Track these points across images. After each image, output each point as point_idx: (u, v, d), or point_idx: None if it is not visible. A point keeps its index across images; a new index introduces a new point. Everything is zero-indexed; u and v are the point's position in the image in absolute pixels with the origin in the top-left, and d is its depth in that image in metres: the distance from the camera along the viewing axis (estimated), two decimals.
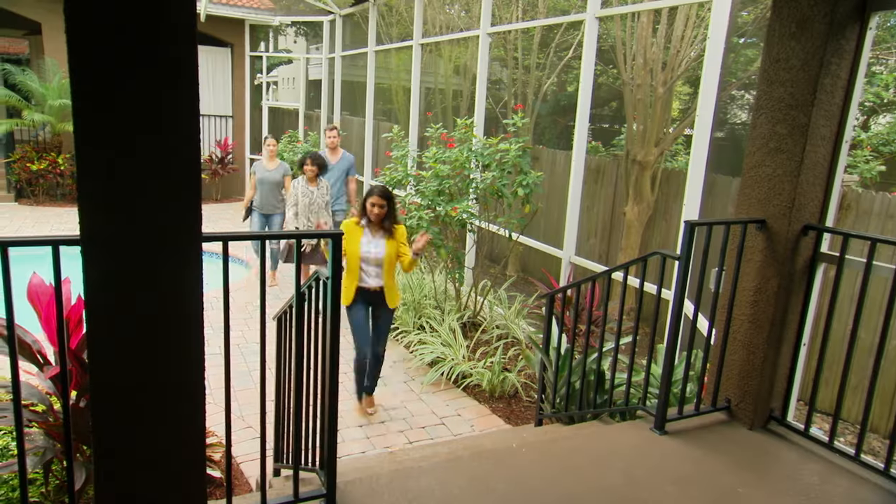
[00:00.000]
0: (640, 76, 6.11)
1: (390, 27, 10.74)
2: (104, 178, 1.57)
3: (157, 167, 1.61)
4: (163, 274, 1.69)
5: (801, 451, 3.09)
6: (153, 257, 1.66)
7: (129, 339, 1.68)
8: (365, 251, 4.39)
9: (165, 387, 1.76)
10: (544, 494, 2.69)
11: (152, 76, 1.55)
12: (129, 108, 1.54)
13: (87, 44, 1.48)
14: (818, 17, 2.90)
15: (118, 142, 1.55)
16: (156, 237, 1.66)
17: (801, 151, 2.97)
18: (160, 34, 1.54)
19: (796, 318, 3.18)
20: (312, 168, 6.39)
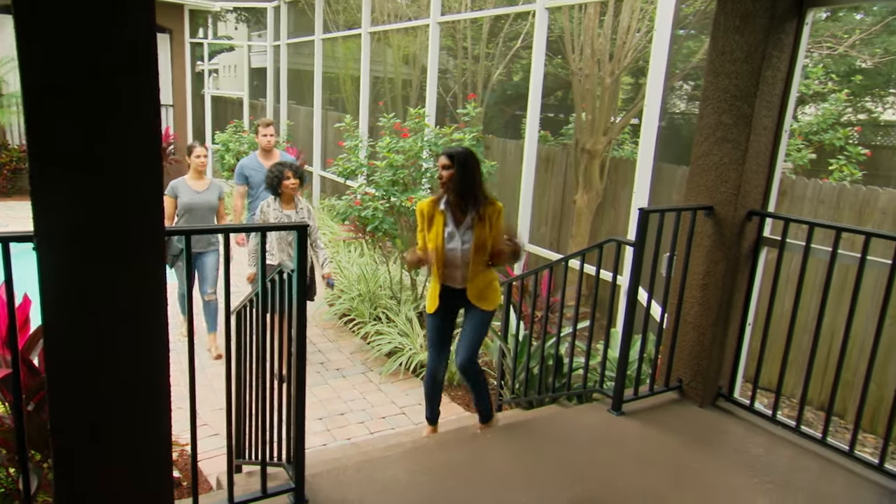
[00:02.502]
0: (587, 66, 6.24)
1: (337, 15, 10.57)
2: (60, 170, 1.50)
3: (116, 157, 1.55)
4: (126, 268, 1.64)
5: (748, 425, 3.25)
6: (117, 251, 1.61)
7: (90, 337, 1.63)
8: (450, 246, 3.21)
9: (129, 385, 1.72)
10: (509, 476, 2.75)
11: (109, 61, 1.49)
12: (85, 94, 1.48)
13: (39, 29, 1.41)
14: (760, 12, 3.03)
15: (76, 131, 1.49)
16: (118, 230, 1.60)
17: (745, 140, 3.10)
18: (116, 17, 1.48)
19: (742, 299, 3.34)
20: (293, 183, 4.55)
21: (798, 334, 3.27)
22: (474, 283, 3.27)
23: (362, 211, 5.26)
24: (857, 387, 4.39)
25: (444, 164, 3.17)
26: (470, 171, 3.14)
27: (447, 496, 2.60)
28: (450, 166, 3.14)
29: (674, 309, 3.44)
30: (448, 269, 3.26)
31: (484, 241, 3.20)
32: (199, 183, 5.02)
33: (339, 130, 6.67)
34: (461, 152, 3.17)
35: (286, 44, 10.95)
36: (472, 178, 3.16)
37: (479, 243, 3.19)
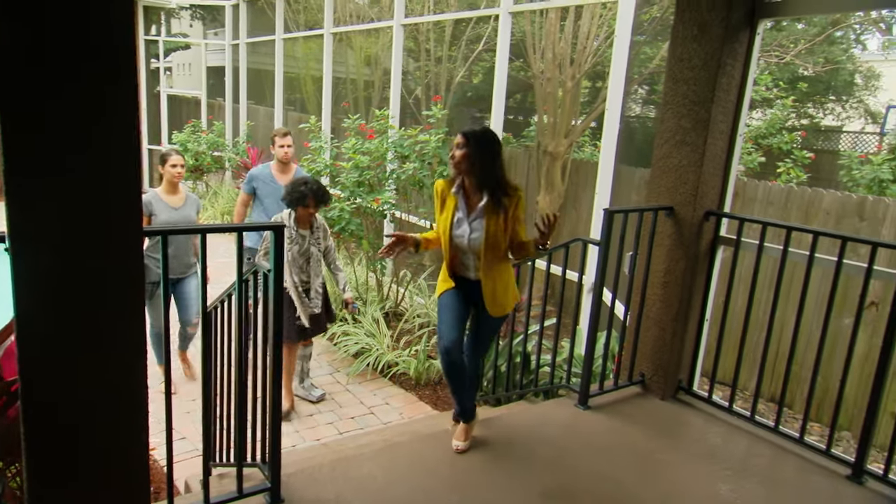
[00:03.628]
0: (549, 70, 6.36)
1: (297, 14, 10.48)
2: (38, 169, 1.48)
3: (97, 157, 1.54)
4: (104, 269, 1.62)
5: (706, 416, 3.40)
6: (95, 252, 1.60)
7: (66, 339, 1.60)
8: (457, 233, 2.87)
9: (107, 391, 1.70)
10: (482, 471, 2.81)
11: (88, 64, 1.48)
12: (63, 97, 1.46)
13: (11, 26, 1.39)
14: (716, 22, 3.17)
15: (55, 131, 1.48)
16: (97, 231, 1.59)
17: (703, 144, 3.24)
18: (93, 22, 1.47)
19: (700, 296, 3.48)
20: (313, 210, 4.10)
21: (751, 329, 3.42)
22: (489, 279, 2.88)
23: (328, 212, 5.25)
24: (804, 379, 4.61)
25: (458, 143, 2.81)
26: (487, 152, 2.78)
27: (422, 492, 2.64)
28: (464, 145, 2.77)
29: (636, 306, 3.56)
30: (457, 259, 2.95)
31: (496, 235, 2.81)
32: (174, 198, 4.34)
33: (302, 131, 6.63)
34: (478, 130, 2.83)
35: (245, 43, 10.79)
36: (490, 160, 2.77)
37: (491, 236, 2.80)
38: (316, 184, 4.08)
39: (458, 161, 2.79)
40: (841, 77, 11.82)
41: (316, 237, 4.19)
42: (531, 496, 2.63)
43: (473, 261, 2.90)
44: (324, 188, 4.13)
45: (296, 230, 4.10)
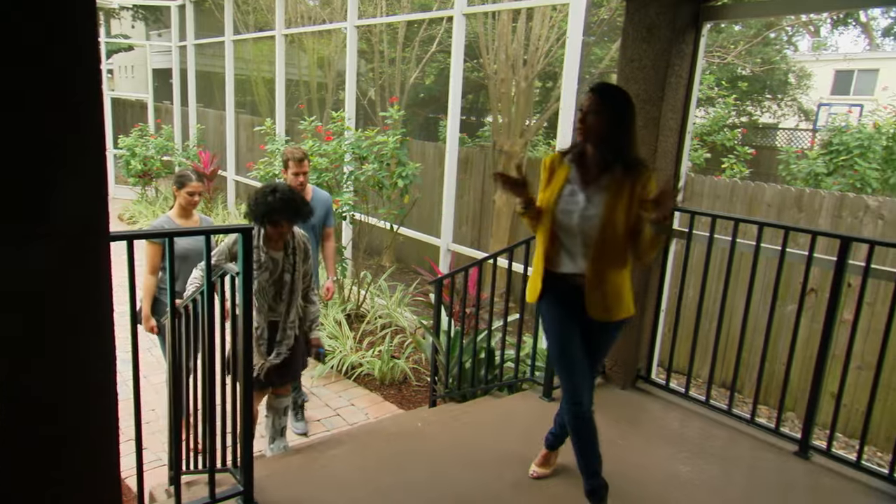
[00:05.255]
0: (503, 71, 6.47)
1: (247, 16, 10.32)
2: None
3: (65, 158, 1.51)
4: (70, 276, 1.59)
5: (664, 402, 3.53)
6: (62, 258, 1.57)
7: (31, 351, 1.57)
8: (565, 208, 2.33)
9: (79, 404, 1.66)
10: (451, 465, 2.86)
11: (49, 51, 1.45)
12: None
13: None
14: (664, 24, 3.30)
15: None
16: (65, 235, 1.56)
17: (654, 141, 3.37)
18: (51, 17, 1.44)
19: (655, 288, 3.61)
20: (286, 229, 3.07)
21: (704, 318, 3.58)
22: (596, 274, 2.31)
23: None
24: (753, 364, 4.84)
25: (590, 106, 2.24)
26: (625, 115, 2.28)
27: (393, 487, 2.67)
28: (599, 108, 2.22)
29: None
30: (556, 246, 2.34)
31: (616, 216, 2.25)
32: (189, 223, 3.75)
33: (256, 134, 6.55)
34: (613, 89, 2.34)
35: (193, 44, 10.56)
36: (627, 125, 2.28)
37: (610, 216, 2.25)
38: (289, 192, 3.04)
39: (591, 128, 2.24)
40: (776, 77, 12.39)
41: (292, 261, 3.15)
42: (503, 487, 2.69)
43: (580, 247, 2.31)
44: (300, 199, 3.11)
45: (265, 252, 3.07)
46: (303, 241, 3.25)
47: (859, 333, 3.19)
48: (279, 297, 3.15)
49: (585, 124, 2.26)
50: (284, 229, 3.05)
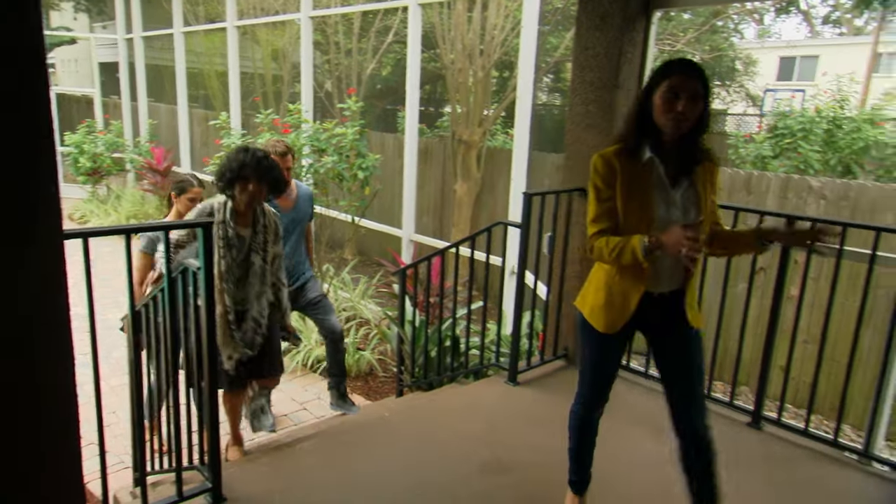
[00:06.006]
0: (459, 61, 6.47)
1: (196, 6, 10.04)
2: None
3: (8, 153, 1.46)
4: (23, 275, 1.55)
5: (627, 382, 3.62)
6: (12, 257, 1.52)
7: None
8: (666, 216, 1.92)
9: (34, 408, 1.62)
10: (420, 452, 2.88)
11: None
12: None
13: None
14: (616, 13, 3.36)
15: None
16: (13, 234, 1.51)
17: (610, 127, 3.43)
18: None
19: None
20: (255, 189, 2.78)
21: None
22: (692, 284, 2.03)
23: None
24: (707, 342, 5.00)
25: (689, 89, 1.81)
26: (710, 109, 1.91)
27: (362, 477, 2.68)
28: (698, 93, 1.82)
29: (556, 285, 3.74)
30: (659, 262, 1.95)
31: (711, 210, 1.99)
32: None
33: (211, 128, 6.41)
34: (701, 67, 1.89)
35: (141, 37, 10.23)
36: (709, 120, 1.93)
37: (709, 215, 1.98)
38: (262, 154, 2.80)
39: (688, 115, 1.82)
40: (724, 63, 12.72)
41: (260, 241, 2.86)
42: (470, 471, 2.73)
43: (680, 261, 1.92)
44: (275, 165, 2.86)
45: (232, 228, 2.78)
46: (274, 220, 2.96)
47: (805, 309, 3.34)
48: (245, 280, 2.85)
49: (681, 111, 1.81)
50: (253, 190, 2.74)
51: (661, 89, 1.83)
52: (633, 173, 1.92)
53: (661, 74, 1.86)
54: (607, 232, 1.94)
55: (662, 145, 1.91)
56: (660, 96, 1.83)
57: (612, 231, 1.94)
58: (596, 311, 2.04)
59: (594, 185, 1.95)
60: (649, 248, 1.82)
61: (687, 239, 1.71)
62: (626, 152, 1.93)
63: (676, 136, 1.87)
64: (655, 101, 1.85)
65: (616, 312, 2.00)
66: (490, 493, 2.57)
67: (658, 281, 1.97)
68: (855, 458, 2.87)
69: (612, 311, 2.01)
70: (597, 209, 1.96)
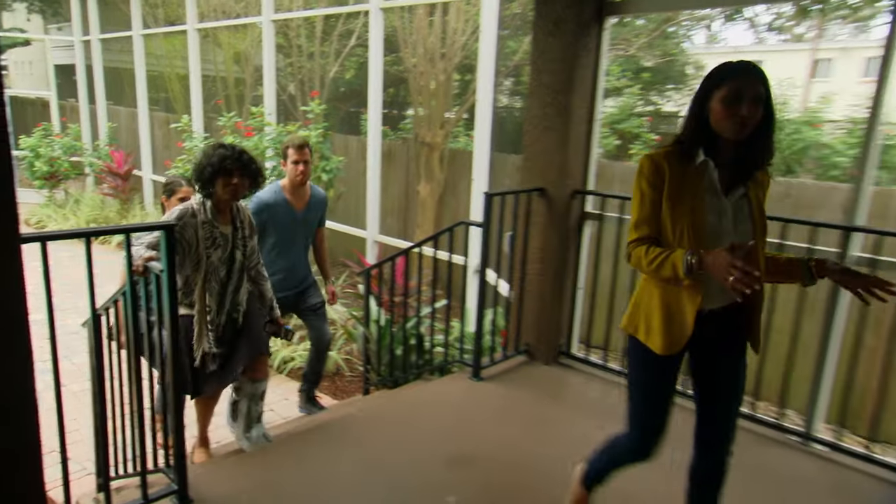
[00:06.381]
0: (422, 64, 6.49)
1: (156, 9, 9.82)
2: None
3: None
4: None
5: (585, 375, 3.70)
6: None
7: None
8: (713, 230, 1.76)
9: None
10: (388, 448, 2.89)
11: None
12: None
13: None
14: (570, 19, 3.42)
15: None
16: None
17: (566, 129, 3.50)
18: None
19: (573, 267, 3.77)
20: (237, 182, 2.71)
21: (618, 294, 3.76)
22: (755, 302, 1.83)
23: None
24: None
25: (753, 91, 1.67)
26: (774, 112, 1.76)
27: (329, 476, 2.68)
28: (762, 95, 1.69)
29: (517, 282, 3.79)
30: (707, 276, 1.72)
31: (765, 224, 1.85)
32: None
33: (173, 131, 6.28)
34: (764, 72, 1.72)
35: (98, 39, 9.95)
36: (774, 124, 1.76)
37: (761, 228, 1.83)
38: (238, 147, 2.78)
39: (752, 119, 1.68)
40: (676, 68, 13.02)
41: (241, 236, 2.84)
42: (436, 465, 2.75)
43: None
44: (255, 158, 2.82)
45: (216, 227, 2.75)
46: (248, 215, 2.94)
47: None
48: (229, 276, 2.82)
49: (746, 114, 1.67)
50: (237, 184, 2.68)
51: (720, 93, 1.68)
52: (684, 177, 1.76)
53: (718, 77, 1.71)
54: (648, 240, 1.79)
55: (718, 150, 1.76)
56: (719, 100, 1.69)
57: (653, 239, 1.79)
58: (654, 331, 1.84)
59: (639, 188, 1.81)
60: (691, 267, 1.65)
61: (735, 268, 1.52)
62: (677, 155, 1.79)
63: (731, 141, 1.72)
64: (714, 106, 1.70)
65: (676, 332, 1.80)
66: (456, 486, 2.60)
67: (710, 296, 1.78)
68: (797, 440, 2.99)
69: (672, 331, 1.81)
70: (640, 214, 1.81)
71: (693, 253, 1.65)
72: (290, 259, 3.67)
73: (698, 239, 1.72)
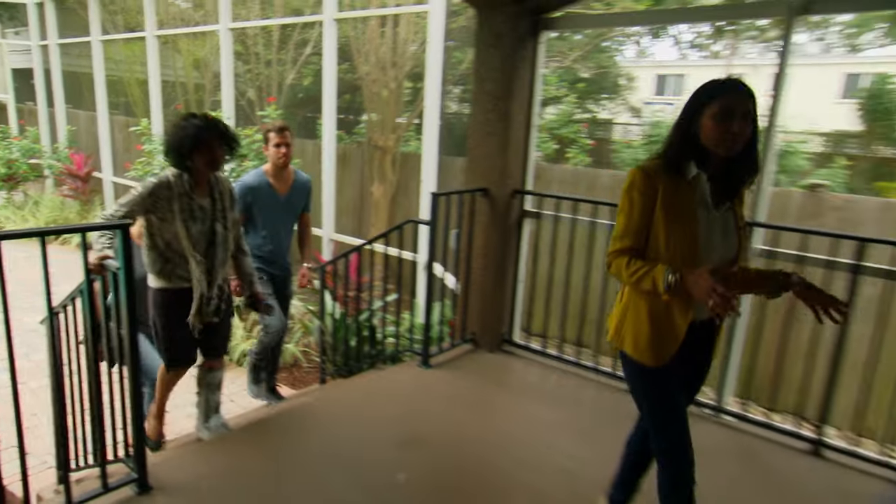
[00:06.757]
0: (374, 72, 6.46)
1: (115, 15, 9.43)
2: None
3: None
4: None
5: (526, 361, 3.77)
6: None
7: None
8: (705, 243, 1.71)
9: None
10: (343, 435, 2.89)
11: None
12: None
13: None
14: (509, 33, 3.48)
15: None
16: None
17: (506, 134, 3.56)
18: None
19: (513, 262, 3.83)
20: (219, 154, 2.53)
21: (555, 285, 3.85)
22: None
23: None
24: (594, 321, 5.27)
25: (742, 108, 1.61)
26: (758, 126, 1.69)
27: (289, 460, 2.65)
28: (751, 112, 1.63)
29: (463, 276, 3.83)
30: None
31: (746, 238, 1.85)
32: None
33: (133, 134, 6.06)
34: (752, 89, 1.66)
35: (57, 44, 9.49)
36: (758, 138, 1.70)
37: (745, 241, 1.81)
38: (210, 116, 2.55)
39: (744, 135, 1.63)
40: (609, 79, 13.37)
41: (220, 208, 2.61)
42: (388, 447, 2.76)
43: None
44: (229, 127, 2.60)
45: (194, 199, 2.53)
46: (228, 185, 2.69)
47: None
48: (210, 251, 2.59)
49: (737, 131, 1.61)
50: (217, 154, 2.47)
51: (711, 110, 1.61)
52: (677, 192, 1.68)
53: (709, 94, 1.63)
54: (630, 251, 1.70)
55: (708, 164, 1.68)
56: (711, 117, 1.61)
57: (635, 251, 1.70)
58: (641, 344, 1.74)
59: (629, 199, 1.70)
60: (671, 285, 1.58)
61: (716, 293, 1.48)
62: (669, 169, 1.69)
63: (721, 156, 1.65)
64: (705, 122, 1.62)
65: (665, 342, 1.71)
66: (407, 465, 2.62)
67: (699, 308, 1.71)
68: (710, 412, 3.14)
69: (661, 342, 1.72)
70: (625, 226, 1.72)
71: (675, 272, 1.58)
72: (275, 241, 3.54)
73: (692, 251, 1.66)
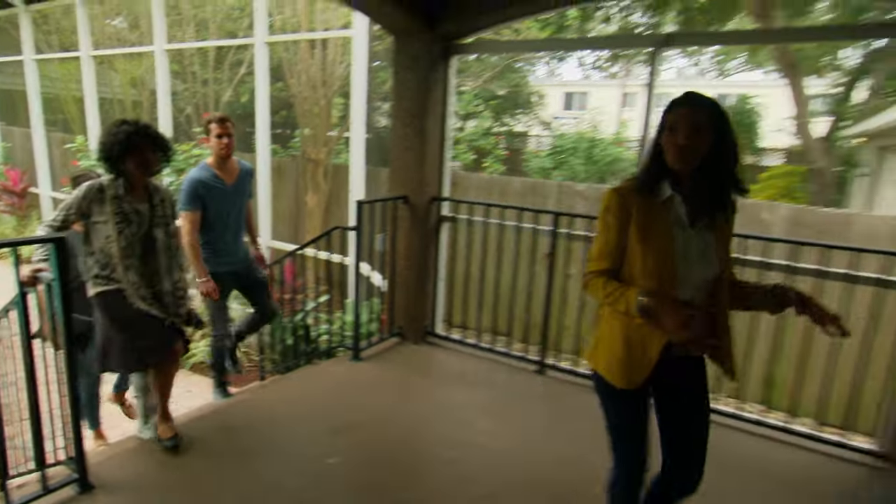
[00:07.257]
0: (305, 91, 6.40)
1: (49, 35, 8.80)
2: None
3: None
4: None
5: (448, 350, 3.87)
6: None
7: None
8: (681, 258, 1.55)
9: None
10: (279, 424, 2.88)
11: None
12: None
13: None
14: (424, 56, 3.57)
15: None
16: None
17: (423, 147, 3.64)
18: None
19: (433, 261, 3.92)
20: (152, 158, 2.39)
21: (472, 282, 3.98)
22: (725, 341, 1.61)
23: None
24: (508, 310, 5.46)
25: (690, 123, 1.48)
26: (733, 139, 1.53)
27: (229, 453, 2.63)
28: (705, 125, 1.48)
29: (389, 276, 3.89)
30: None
31: (729, 257, 1.65)
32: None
33: (69, 151, 5.71)
34: (717, 105, 1.51)
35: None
36: (736, 151, 1.53)
37: (726, 262, 1.63)
38: (142, 121, 2.40)
39: (693, 151, 1.49)
40: (522, 96, 13.75)
41: (160, 214, 2.43)
42: (322, 435, 2.78)
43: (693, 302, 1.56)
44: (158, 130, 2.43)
45: (128, 202, 2.35)
46: (170, 194, 2.52)
47: (574, 281, 3.81)
48: (152, 256, 2.41)
49: (682, 144, 1.48)
50: (149, 158, 2.32)
51: (664, 125, 1.52)
52: (651, 212, 1.55)
53: (664, 112, 1.53)
54: (606, 273, 1.59)
55: (681, 184, 1.55)
56: (664, 134, 1.52)
57: (610, 272, 1.58)
58: (614, 365, 1.60)
59: (604, 222, 1.59)
60: (642, 309, 1.47)
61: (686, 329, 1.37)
62: (642, 190, 1.56)
63: (688, 173, 1.53)
64: (663, 140, 1.53)
65: (637, 366, 1.57)
66: (339, 449, 2.65)
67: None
68: None
69: (633, 365, 1.57)
70: (601, 248, 1.60)
71: (646, 294, 1.47)
72: (232, 231, 3.33)
73: (668, 270, 1.53)
